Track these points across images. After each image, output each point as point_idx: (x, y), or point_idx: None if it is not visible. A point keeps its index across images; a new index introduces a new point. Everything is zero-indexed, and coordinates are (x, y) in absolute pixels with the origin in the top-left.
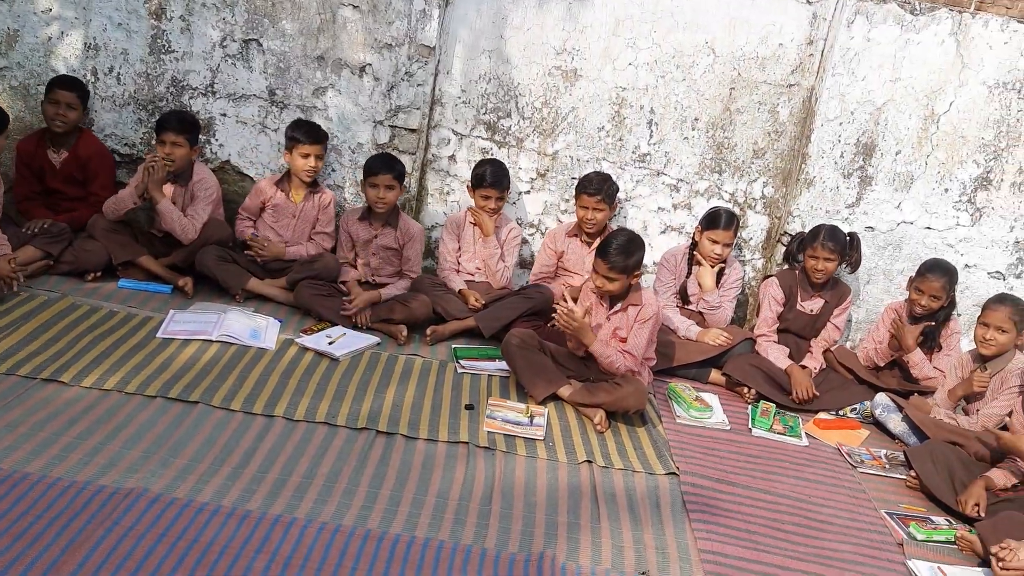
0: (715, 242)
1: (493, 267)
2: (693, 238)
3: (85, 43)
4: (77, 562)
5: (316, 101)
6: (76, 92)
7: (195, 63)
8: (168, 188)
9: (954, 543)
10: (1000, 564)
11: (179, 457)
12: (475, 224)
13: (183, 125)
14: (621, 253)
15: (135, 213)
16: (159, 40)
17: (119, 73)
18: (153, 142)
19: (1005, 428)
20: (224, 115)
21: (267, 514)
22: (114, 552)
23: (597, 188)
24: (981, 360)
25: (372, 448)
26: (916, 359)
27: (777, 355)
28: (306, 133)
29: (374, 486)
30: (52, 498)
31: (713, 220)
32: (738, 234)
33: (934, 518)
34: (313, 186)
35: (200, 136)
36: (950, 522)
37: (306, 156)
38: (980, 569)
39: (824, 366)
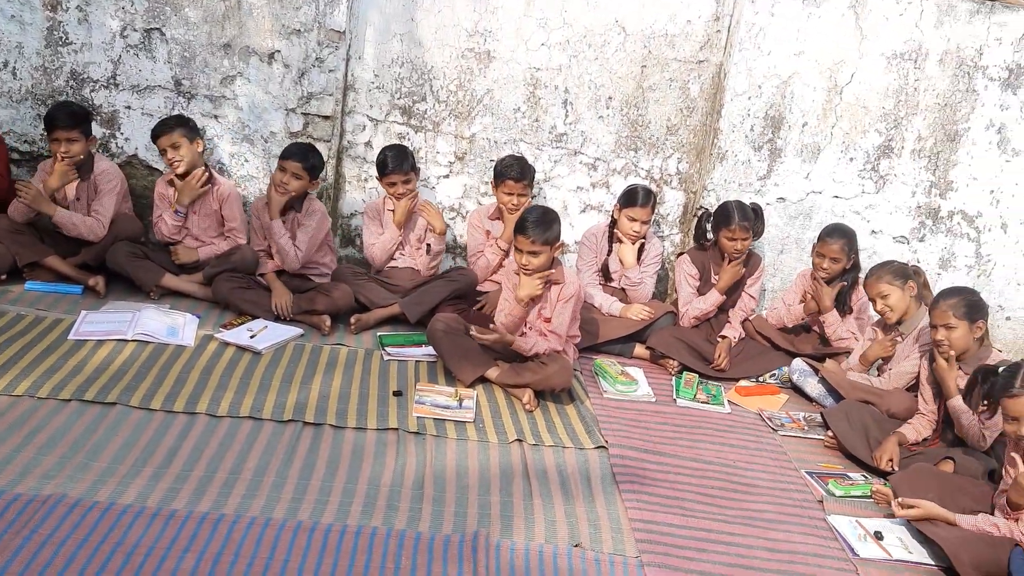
0: (633, 219)
1: (427, 261)
2: (612, 216)
3: None
4: None
5: (225, 90)
6: None
7: (95, 55)
8: (71, 185)
9: (870, 497)
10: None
11: (98, 460)
12: (393, 211)
13: (73, 119)
14: (540, 225)
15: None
16: (55, 32)
17: (15, 68)
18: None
19: (914, 387)
20: (129, 107)
21: (193, 512)
22: (34, 560)
23: (521, 173)
24: (895, 326)
25: (300, 440)
26: (831, 319)
27: (707, 297)
28: (156, 124)
29: (303, 478)
30: None
31: (631, 198)
32: (656, 210)
33: (851, 474)
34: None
35: (102, 128)
36: (866, 477)
37: (163, 152)
38: (895, 519)
39: (743, 335)
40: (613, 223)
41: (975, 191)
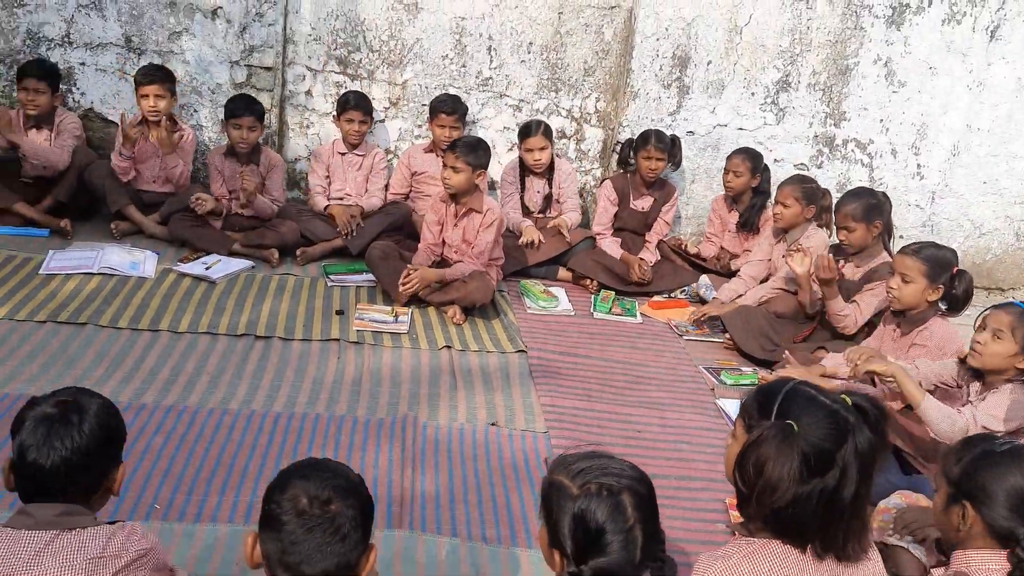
0: (530, 150)
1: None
2: (519, 156)
3: None
4: None
5: (172, 46)
6: None
7: (49, 15)
8: (34, 134)
9: (758, 384)
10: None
11: (74, 368)
12: (344, 154)
13: (43, 71)
14: (467, 146)
15: (7, 164)
16: None
17: None
18: (14, 91)
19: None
20: (83, 64)
21: (160, 404)
22: None
23: (453, 108)
24: (782, 233)
25: (252, 350)
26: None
27: (611, 247)
28: (143, 73)
29: (256, 379)
30: None
31: (524, 131)
32: (552, 138)
33: (743, 368)
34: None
35: (61, 84)
36: (756, 370)
37: (144, 96)
38: None
39: (659, 257)
40: (522, 163)
41: (866, 120)
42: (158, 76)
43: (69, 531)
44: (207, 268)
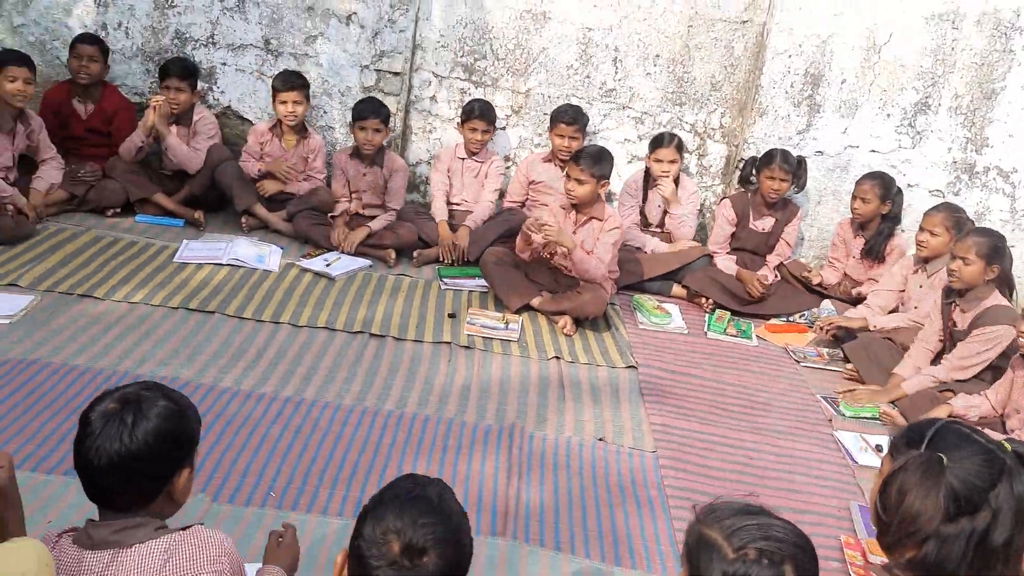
0: (660, 160)
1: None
2: (646, 165)
3: (96, 0)
4: None
5: (308, 49)
6: (97, 46)
7: (196, 16)
8: (173, 129)
9: (878, 419)
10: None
11: (202, 354)
12: (463, 160)
13: (185, 71)
14: (591, 157)
15: (148, 157)
16: None
17: (127, 28)
18: (158, 88)
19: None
20: (224, 64)
21: (279, 395)
22: None
23: (573, 118)
24: (922, 263)
25: (366, 348)
26: None
27: (727, 265)
28: (282, 81)
29: (369, 376)
30: (98, 384)
31: (656, 142)
32: (683, 153)
33: None
34: (302, 132)
35: (201, 82)
36: (877, 403)
37: (283, 103)
38: None
39: (778, 278)
40: (647, 172)
41: (1011, 148)
42: (297, 83)
43: (128, 548)
44: (327, 265)
